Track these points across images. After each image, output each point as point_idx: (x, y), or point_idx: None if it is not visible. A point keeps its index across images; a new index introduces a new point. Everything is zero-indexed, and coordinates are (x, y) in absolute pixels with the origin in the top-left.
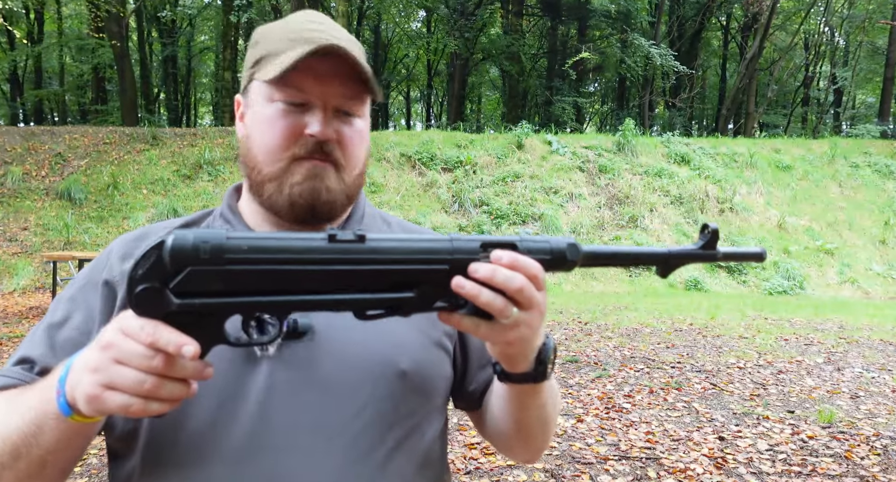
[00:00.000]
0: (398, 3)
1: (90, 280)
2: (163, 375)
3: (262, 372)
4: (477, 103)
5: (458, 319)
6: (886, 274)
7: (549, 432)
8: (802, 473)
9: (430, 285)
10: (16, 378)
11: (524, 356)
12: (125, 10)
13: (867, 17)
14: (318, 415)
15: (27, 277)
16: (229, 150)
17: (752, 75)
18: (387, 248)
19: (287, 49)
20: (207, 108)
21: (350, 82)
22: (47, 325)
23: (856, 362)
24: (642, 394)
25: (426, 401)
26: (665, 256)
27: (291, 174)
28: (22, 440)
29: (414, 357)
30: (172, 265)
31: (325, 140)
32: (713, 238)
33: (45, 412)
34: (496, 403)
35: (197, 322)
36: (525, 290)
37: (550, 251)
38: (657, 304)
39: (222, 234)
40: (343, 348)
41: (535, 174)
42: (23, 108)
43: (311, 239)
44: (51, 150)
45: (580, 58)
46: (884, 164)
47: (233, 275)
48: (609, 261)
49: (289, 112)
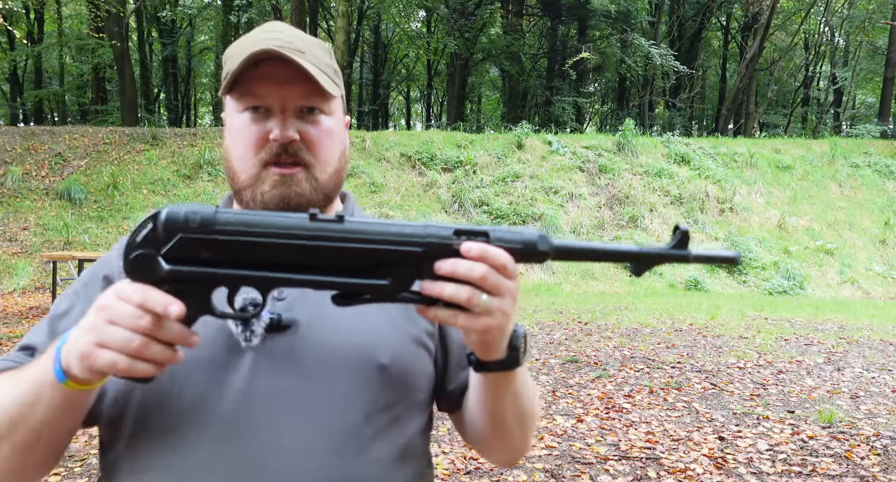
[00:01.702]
0: (398, 3)
1: (93, 276)
2: (150, 336)
3: (245, 361)
4: (477, 103)
5: (434, 312)
6: (886, 274)
7: (528, 430)
8: (802, 473)
9: (404, 270)
10: (16, 361)
11: (498, 343)
12: (125, 10)
13: (867, 17)
14: (298, 401)
15: (27, 277)
16: None
17: (752, 75)
18: (363, 230)
19: (239, 62)
20: (207, 108)
21: (305, 82)
22: (51, 316)
23: (856, 362)
24: (642, 394)
25: (406, 395)
26: (635, 255)
27: (262, 182)
28: (18, 410)
29: (394, 352)
30: (164, 233)
31: (288, 142)
32: (684, 239)
33: (43, 381)
34: (473, 398)
35: (185, 290)
36: (489, 278)
37: (521, 242)
38: (657, 304)
39: (212, 208)
40: (324, 341)
41: (535, 174)
42: (23, 108)
43: (293, 217)
44: (51, 150)
45: (580, 58)
46: (884, 164)
47: (219, 246)
48: (580, 255)
49: (255, 120)
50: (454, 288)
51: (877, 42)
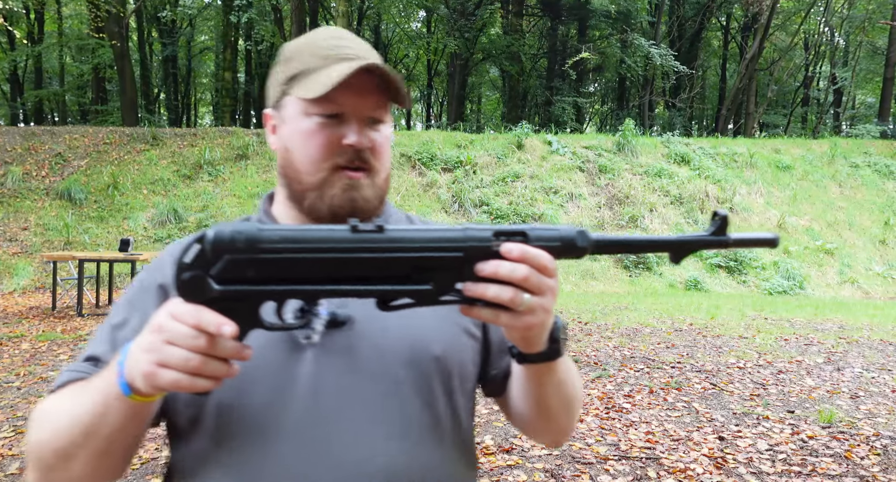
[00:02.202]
0: (398, 3)
1: (146, 284)
2: (207, 354)
3: (307, 358)
4: (477, 103)
5: (477, 311)
6: (886, 274)
7: (573, 412)
8: (802, 473)
9: (446, 274)
10: (83, 372)
11: (539, 337)
12: (125, 10)
13: (867, 17)
14: (362, 396)
15: (27, 277)
16: (229, 150)
17: (752, 75)
18: (404, 237)
19: (322, 66)
20: (207, 108)
21: (379, 93)
22: (110, 327)
23: (856, 362)
24: (642, 394)
25: (460, 384)
26: (676, 243)
27: (331, 186)
28: (91, 420)
29: (446, 343)
30: (213, 254)
31: (362, 148)
32: (723, 224)
33: (109, 394)
34: (517, 387)
35: (235, 307)
36: (531, 278)
37: (560, 239)
38: (657, 304)
39: (256, 226)
40: (379, 336)
41: (535, 174)
42: (23, 108)
43: (335, 230)
44: (51, 150)
45: (580, 58)
46: (884, 164)
47: (265, 264)
48: (619, 248)
49: (326, 125)
50: (497, 289)
51: (877, 42)
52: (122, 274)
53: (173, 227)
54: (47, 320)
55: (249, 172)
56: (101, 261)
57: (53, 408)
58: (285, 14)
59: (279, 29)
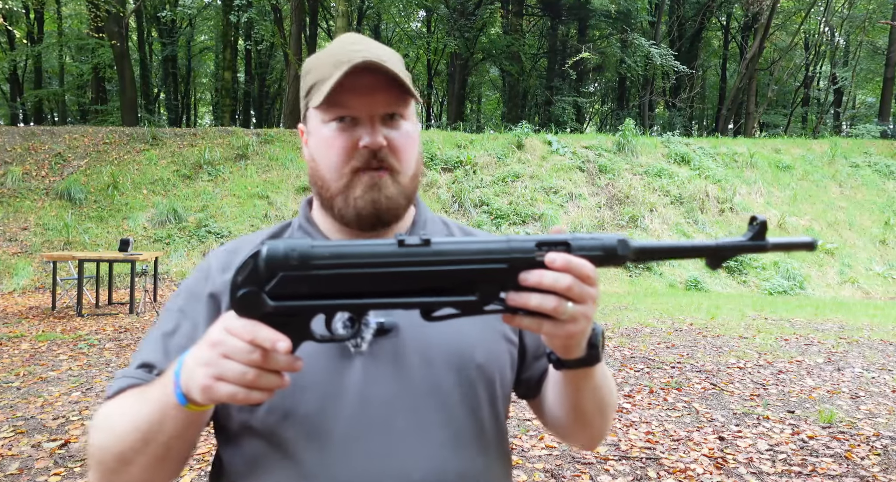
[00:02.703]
0: (398, 3)
1: (194, 292)
2: (261, 367)
3: (356, 366)
4: (477, 103)
5: (520, 320)
6: (887, 274)
7: (608, 417)
8: (802, 473)
9: (490, 285)
10: (139, 378)
11: (579, 345)
12: (125, 10)
13: (867, 17)
14: (410, 403)
15: (27, 277)
16: (229, 150)
17: (752, 75)
18: (450, 250)
19: (332, 74)
20: (207, 108)
21: (390, 90)
22: (161, 334)
23: (856, 362)
24: (642, 394)
25: (501, 390)
26: (714, 249)
27: (353, 188)
28: (149, 427)
29: (487, 350)
30: (266, 271)
31: (377, 148)
32: (761, 229)
33: (166, 403)
34: (553, 391)
35: (287, 321)
36: (574, 288)
37: (602, 248)
38: (657, 304)
39: (308, 242)
40: (425, 344)
41: (535, 174)
42: (23, 108)
43: (383, 245)
44: (51, 150)
45: (580, 58)
46: (884, 164)
47: (317, 279)
48: (659, 255)
49: (342, 129)
50: (540, 298)
51: (877, 42)
52: (122, 274)
53: (173, 227)
54: (47, 320)
55: (249, 172)
56: (101, 261)
57: (114, 413)
58: (285, 14)
59: (279, 29)
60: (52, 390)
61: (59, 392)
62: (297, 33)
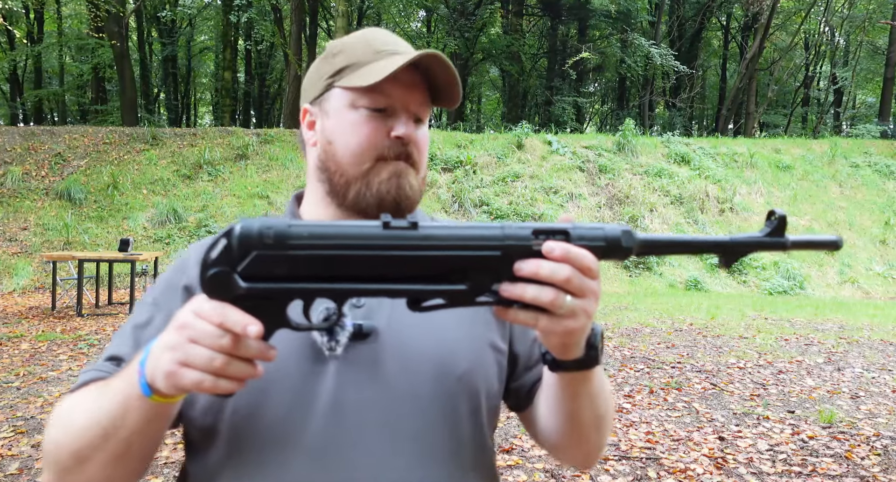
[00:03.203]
0: (398, 3)
1: (170, 284)
2: (231, 354)
3: (330, 371)
4: (477, 103)
5: (514, 314)
6: (887, 274)
7: (605, 430)
8: (802, 473)
9: (482, 274)
10: (104, 372)
11: (578, 344)
12: (125, 10)
13: (867, 17)
14: (384, 413)
15: (27, 277)
16: (229, 150)
17: (752, 75)
18: (439, 235)
19: (375, 60)
20: (207, 108)
21: (426, 91)
22: (133, 326)
23: (856, 362)
24: (642, 394)
25: (485, 402)
26: (727, 245)
27: (377, 173)
28: (110, 422)
29: (472, 359)
30: (239, 250)
31: (410, 140)
32: (780, 225)
33: (129, 394)
34: (547, 399)
35: (261, 306)
36: (573, 280)
37: (604, 238)
38: (657, 304)
39: (285, 221)
40: (405, 350)
41: (535, 174)
42: (23, 108)
43: (366, 226)
44: (51, 150)
45: (580, 58)
46: (884, 164)
47: (294, 260)
48: (666, 249)
49: (373, 117)
50: (536, 290)
51: (877, 42)
52: (122, 274)
53: (173, 227)
54: (47, 320)
55: (249, 172)
56: (101, 261)
57: (74, 409)
58: (285, 14)
59: (279, 29)
60: (52, 390)
61: (59, 392)
62: (297, 33)
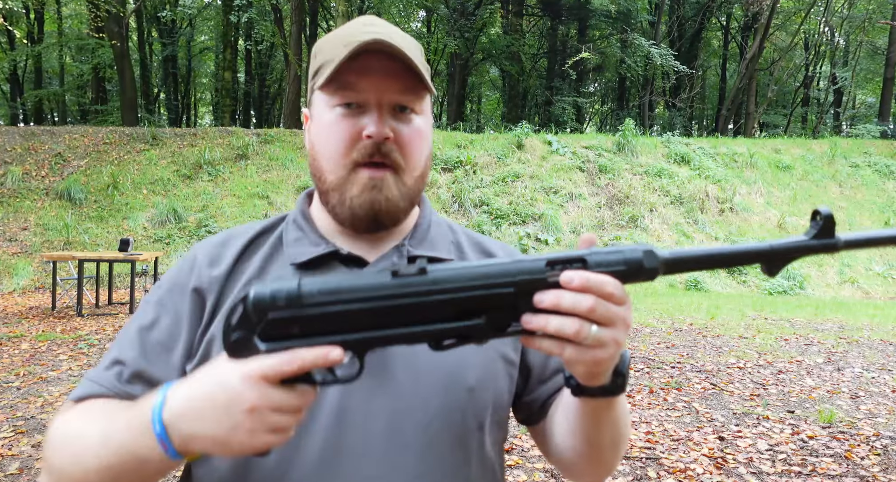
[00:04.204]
0: (398, 3)
1: (177, 285)
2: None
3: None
4: (477, 103)
5: (539, 343)
6: (886, 274)
7: (620, 452)
8: (802, 473)
9: (498, 312)
10: (106, 387)
11: (606, 372)
12: (125, 10)
13: (867, 17)
14: (391, 423)
15: (27, 277)
16: (229, 150)
17: (752, 75)
18: (449, 277)
19: (340, 54)
20: (207, 108)
21: (404, 77)
22: (138, 328)
23: (856, 362)
24: (642, 394)
25: (493, 415)
26: (767, 253)
27: (351, 185)
28: (121, 468)
29: (482, 372)
30: (255, 315)
31: (382, 140)
32: (828, 225)
33: (148, 457)
34: (565, 421)
35: None
36: (598, 309)
37: (624, 262)
38: (657, 304)
39: (295, 282)
40: (414, 360)
41: (535, 174)
42: (23, 108)
43: (375, 277)
44: (51, 150)
45: (580, 58)
46: (884, 164)
47: (309, 318)
48: (697, 264)
49: (347, 116)
50: (559, 321)
51: (877, 42)
52: (122, 274)
53: (173, 227)
54: (47, 320)
55: (249, 172)
56: (101, 261)
57: (80, 436)
58: (285, 14)
59: (279, 29)
60: (52, 390)
61: (59, 392)
62: (297, 33)
